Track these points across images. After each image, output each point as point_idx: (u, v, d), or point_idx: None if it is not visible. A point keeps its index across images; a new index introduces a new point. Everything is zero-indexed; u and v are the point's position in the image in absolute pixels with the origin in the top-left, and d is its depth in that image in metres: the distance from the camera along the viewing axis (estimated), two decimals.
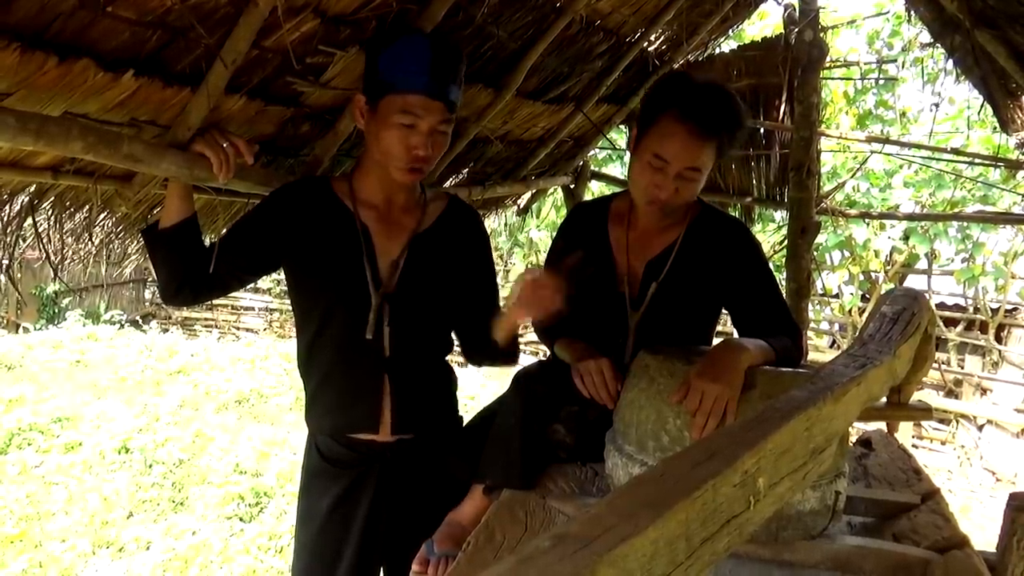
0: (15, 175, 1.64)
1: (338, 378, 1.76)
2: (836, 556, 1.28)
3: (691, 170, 1.61)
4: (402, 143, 1.58)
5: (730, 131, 1.62)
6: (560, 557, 0.55)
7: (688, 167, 1.60)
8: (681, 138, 1.57)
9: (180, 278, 1.69)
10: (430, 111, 1.57)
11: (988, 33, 2.24)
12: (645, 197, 1.66)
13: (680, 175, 1.61)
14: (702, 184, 1.67)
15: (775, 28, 6.40)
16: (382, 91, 1.58)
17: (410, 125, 1.57)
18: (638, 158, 1.65)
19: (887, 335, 1.40)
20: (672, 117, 1.58)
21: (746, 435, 0.79)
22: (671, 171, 1.60)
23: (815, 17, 3.52)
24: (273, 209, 1.73)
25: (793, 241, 3.65)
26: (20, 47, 1.25)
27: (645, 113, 1.66)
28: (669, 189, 1.61)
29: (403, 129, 1.57)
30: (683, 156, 1.59)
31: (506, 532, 1.43)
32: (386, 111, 1.57)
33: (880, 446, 1.93)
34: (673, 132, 1.58)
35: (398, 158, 1.60)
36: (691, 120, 1.56)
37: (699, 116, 1.56)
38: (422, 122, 1.58)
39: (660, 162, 1.60)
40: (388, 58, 1.57)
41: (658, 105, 1.62)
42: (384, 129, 1.59)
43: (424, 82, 1.55)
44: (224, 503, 4.80)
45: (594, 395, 1.57)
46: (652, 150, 1.60)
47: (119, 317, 11.06)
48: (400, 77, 1.56)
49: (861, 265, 8.13)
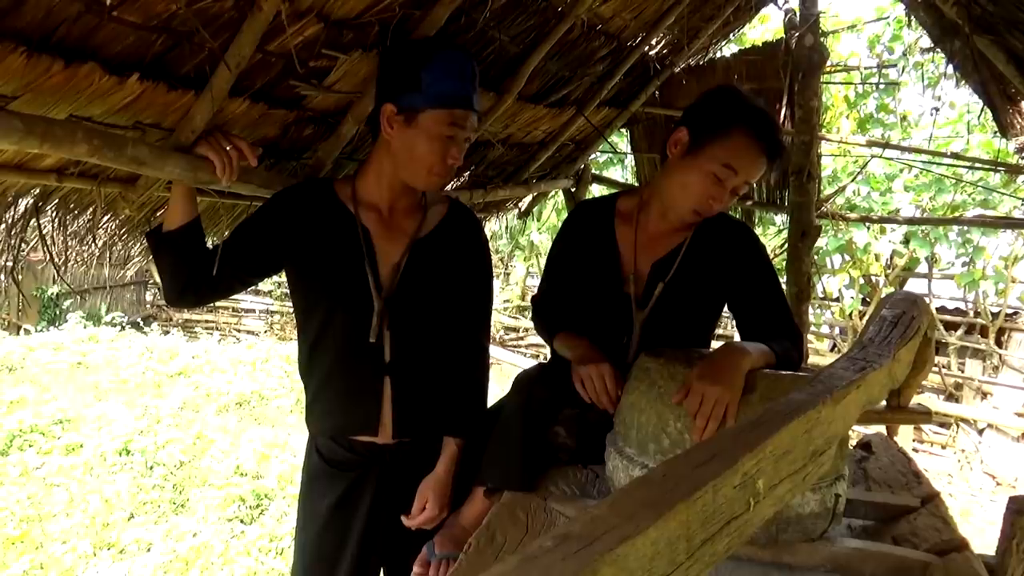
0: (20, 177, 1.65)
1: (339, 381, 1.77)
2: (836, 558, 1.29)
3: (748, 184, 1.66)
4: (441, 154, 1.63)
5: (781, 158, 1.68)
6: (563, 556, 0.55)
7: (749, 180, 1.65)
8: (755, 154, 1.61)
9: (183, 280, 1.70)
10: (470, 120, 1.65)
11: (987, 38, 2.26)
12: (697, 206, 1.66)
13: (737, 188, 1.64)
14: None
15: (776, 32, 6.42)
16: (424, 104, 1.60)
17: (451, 137, 1.62)
18: (698, 167, 1.63)
19: (887, 338, 1.40)
20: (746, 133, 1.60)
21: (746, 437, 0.80)
22: (733, 184, 1.63)
23: (816, 21, 3.53)
24: (275, 211, 1.74)
25: (793, 245, 3.65)
26: (26, 51, 1.26)
27: (709, 122, 1.64)
28: (725, 202, 1.65)
29: (446, 141, 1.62)
30: (751, 171, 1.63)
31: (507, 534, 1.43)
32: (430, 124, 1.61)
33: (880, 449, 1.93)
34: (748, 146, 1.61)
35: (434, 166, 1.65)
36: (764, 140, 1.61)
37: (769, 138, 1.62)
38: (463, 133, 1.64)
39: (729, 173, 1.61)
40: (433, 73, 1.60)
41: (727, 118, 1.62)
42: (426, 141, 1.62)
43: (470, 97, 1.64)
44: (225, 505, 4.80)
45: (595, 400, 1.58)
46: (723, 160, 1.61)
47: (120, 319, 11.08)
48: (449, 94, 1.61)
49: (861, 269, 8.14)
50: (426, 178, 1.67)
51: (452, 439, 1.77)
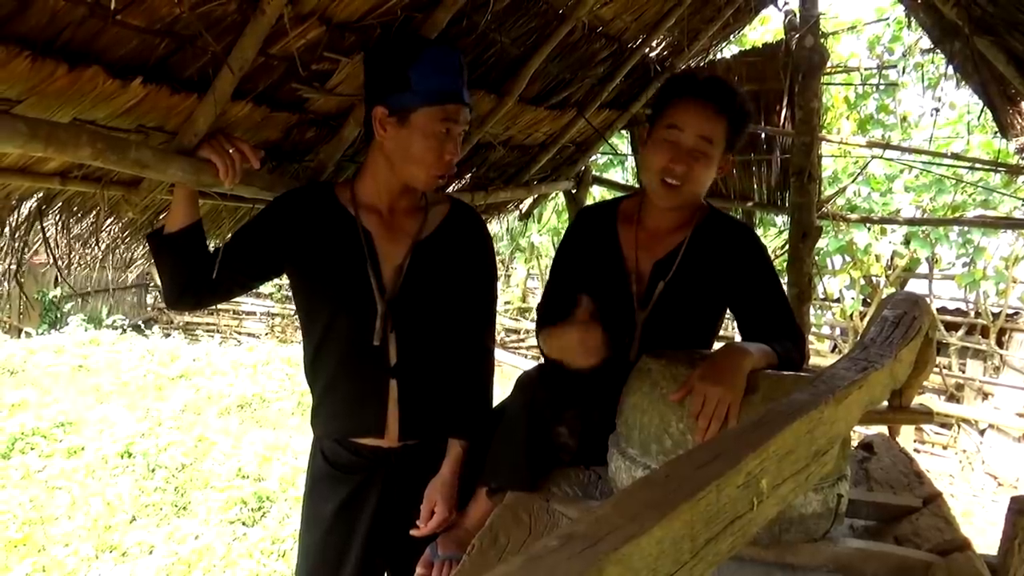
0: (24, 181, 1.65)
1: (344, 383, 1.77)
2: (838, 559, 1.29)
3: (704, 140, 1.64)
4: (437, 151, 1.63)
5: (738, 114, 1.67)
6: (568, 556, 0.56)
7: (701, 136, 1.64)
8: (695, 107, 1.64)
9: (183, 283, 1.70)
10: (463, 115, 1.66)
11: (987, 39, 2.26)
12: (660, 176, 1.67)
13: (694, 149, 1.64)
14: (712, 171, 1.69)
15: (776, 34, 6.43)
16: (416, 103, 1.60)
17: (448, 133, 1.63)
18: (651, 140, 1.70)
19: (888, 339, 1.41)
20: (683, 94, 1.67)
21: (749, 437, 0.80)
22: (686, 141, 1.64)
23: (816, 23, 3.53)
24: (276, 215, 1.75)
25: (794, 246, 3.66)
26: (31, 55, 1.26)
27: (657, 105, 1.74)
28: (684, 162, 1.64)
29: (441, 137, 1.63)
30: (696, 123, 1.63)
31: (510, 535, 1.43)
32: (424, 123, 1.61)
33: (882, 450, 1.93)
34: (687, 104, 1.65)
35: (433, 166, 1.65)
36: (702, 95, 1.65)
37: (710, 93, 1.65)
38: (456, 128, 1.65)
39: (675, 132, 1.64)
40: (422, 70, 1.60)
41: (669, 94, 1.70)
42: (421, 140, 1.62)
43: (461, 91, 1.64)
44: (227, 507, 4.80)
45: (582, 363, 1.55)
46: (667, 123, 1.66)
47: (121, 322, 11.07)
48: (439, 90, 1.61)
49: (862, 269, 8.15)
50: (426, 177, 1.67)
51: (457, 441, 1.77)
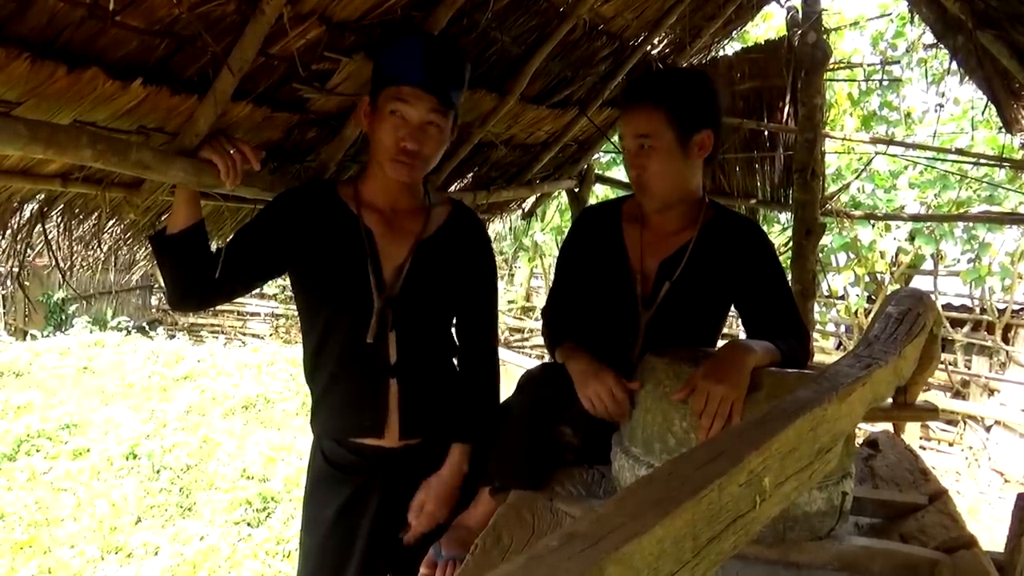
0: (25, 183, 1.65)
1: (343, 382, 1.76)
2: (843, 557, 1.28)
3: (642, 137, 1.69)
4: (392, 134, 1.62)
5: (677, 95, 1.69)
6: (569, 555, 0.55)
7: (638, 135, 1.69)
8: (628, 114, 1.72)
9: (186, 284, 1.70)
10: (421, 101, 1.61)
11: (991, 34, 2.24)
12: (632, 183, 1.75)
13: (638, 148, 1.69)
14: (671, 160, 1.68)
15: (778, 30, 6.41)
16: (380, 85, 1.64)
17: (401, 117, 1.61)
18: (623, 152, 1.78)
19: (892, 335, 1.40)
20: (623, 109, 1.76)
21: (752, 435, 0.80)
22: (631, 146, 1.71)
23: (818, 19, 3.52)
24: (278, 213, 1.74)
25: (798, 243, 3.65)
26: (30, 56, 1.26)
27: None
28: (636, 165, 1.71)
29: (394, 119, 1.61)
30: (630, 127, 1.70)
31: (513, 535, 1.43)
32: (382, 104, 1.63)
33: (887, 447, 1.92)
34: (623, 115, 1.75)
35: (388, 149, 1.63)
36: (631, 100, 1.72)
37: (637, 93, 1.72)
38: (412, 112, 1.61)
39: (623, 143, 1.74)
40: (388, 55, 1.63)
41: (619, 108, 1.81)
42: (379, 122, 1.64)
43: (418, 75, 1.60)
44: (231, 508, 4.81)
45: (605, 416, 1.55)
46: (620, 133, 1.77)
47: (126, 323, 11.10)
48: (396, 70, 1.61)
49: (866, 266, 8.12)
50: (388, 164, 1.65)
51: (459, 444, 1.76)
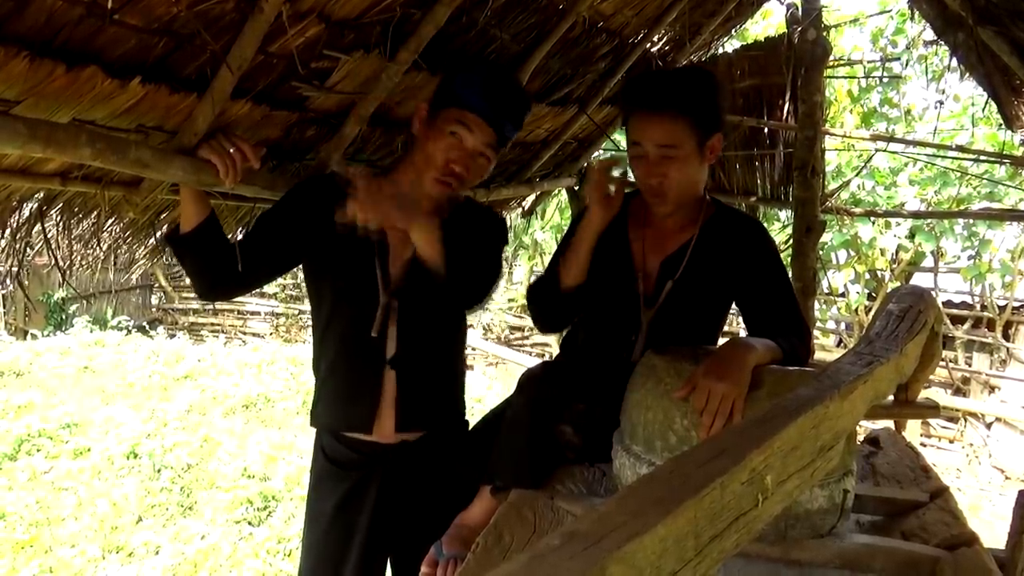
0: (24, 182, 1.65)
1: (341, 373, 1.79)
2: (845, 554, 1.28)
3: (666, 147, 1.63)
4: (445, 153, 1.66)
5: (701, 104, 1.63)
6: (570, 554, 0.55)
7: (662, 145, 1.62)
8: (650, 121, 1.63)
9: (211, 276, 1.72)
10: (482, 132, 1.67)
11: (991, 30, 2.24)
12: (643, 189, 1.71)
13: (660, 158, 1.63)
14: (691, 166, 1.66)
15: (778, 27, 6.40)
16: (446, 103, 1.67)
17: (459, 140, 1.66)
18: (629, 153, 1.71)
19: (893, 333, 1.40)
20: (638, 112, 1.66)
21: (754, 433, 0.79)
22: (651, 154, 1.64)
23: (818, 16, 3.52)
24: (294, 202, 1.77)
25: (798, 240, 3.64)
26: (29, 55, 1.26)
27: (623, 122, 1.74)
28: (656, 174, 1.65)
29: (452, 140, 1.66)
30: (654, 136, 1.63)
31: (514, 533, 1.43)
32: (443, 121, 1.67)
33: (888, 444, 1.92)
34: (641, 119, 1.65)
35: (436, 167, 1.67)
36: (654, 107, 1.63)
37: (662, 101, 1.62)
38: (471, 139, 1.66)
39: (638, 148, 1.65)
40: (466, 78, 1.68)
41: (626, 107, 1.72)
42: (435, 137, 1.67)
43: (486, 105, 1.66)
44: (232, 507, 4.81)
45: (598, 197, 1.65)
46: (631, 139, 1.67)
47: (126, 323, 11.10)
48: (471, 95, 1.66)
49: (867, 264, 8.12)
50: (431, 179, 1.69)
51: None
